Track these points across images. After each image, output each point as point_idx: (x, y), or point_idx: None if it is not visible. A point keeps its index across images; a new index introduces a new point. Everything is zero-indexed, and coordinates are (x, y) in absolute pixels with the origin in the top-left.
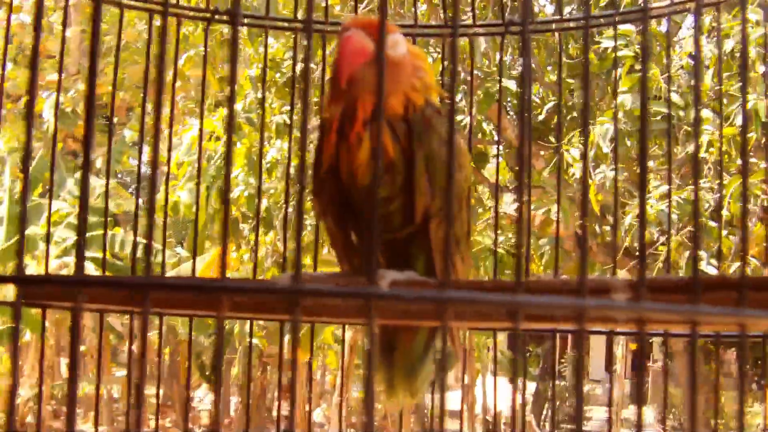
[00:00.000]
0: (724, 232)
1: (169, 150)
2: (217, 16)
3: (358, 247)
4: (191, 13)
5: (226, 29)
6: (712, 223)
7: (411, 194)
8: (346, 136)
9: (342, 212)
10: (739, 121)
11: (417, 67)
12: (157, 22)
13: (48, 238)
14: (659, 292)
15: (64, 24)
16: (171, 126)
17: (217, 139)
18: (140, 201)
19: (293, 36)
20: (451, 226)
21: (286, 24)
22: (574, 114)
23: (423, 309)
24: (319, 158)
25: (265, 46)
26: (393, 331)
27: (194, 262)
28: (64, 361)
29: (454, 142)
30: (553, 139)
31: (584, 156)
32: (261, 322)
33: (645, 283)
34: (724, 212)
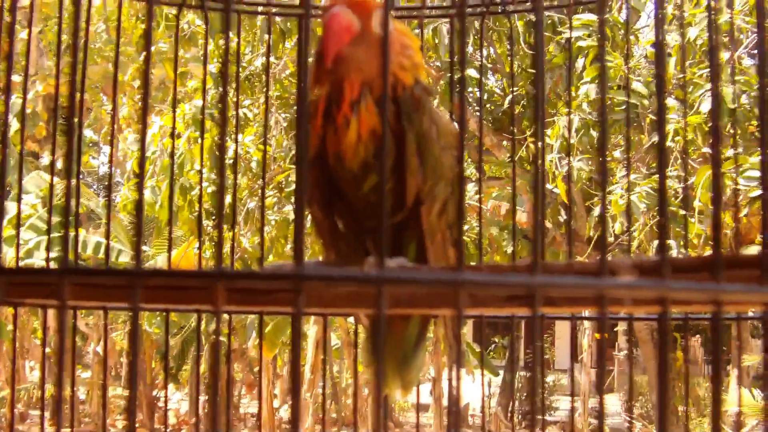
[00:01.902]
0: (693, 220)
1: (142, 147)
2: (188, 1)
3: (345, 234)
4: None
5: (186, 24)
6: (682, 212)
7: (401, 178)
8: (332, 118)
9: (328, 198)
10: (704, 108)
11: (405, 45)
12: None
13: (18, 237)
14: (676, 272)
15: (30, 23)
16: (144, 123)
17: (179, 136)
18: (104, 200)
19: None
20: (462, 204)
21: (259, 9)
22: (535, 94)
23: (421, 295)
24: None
25: (238, 31)
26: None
27: (170, 257)
28: (28, 364)
29: (465, 117)
30: (515, 130)
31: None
32: (225, 317)
33: (668, 262)
34: (697, 203)
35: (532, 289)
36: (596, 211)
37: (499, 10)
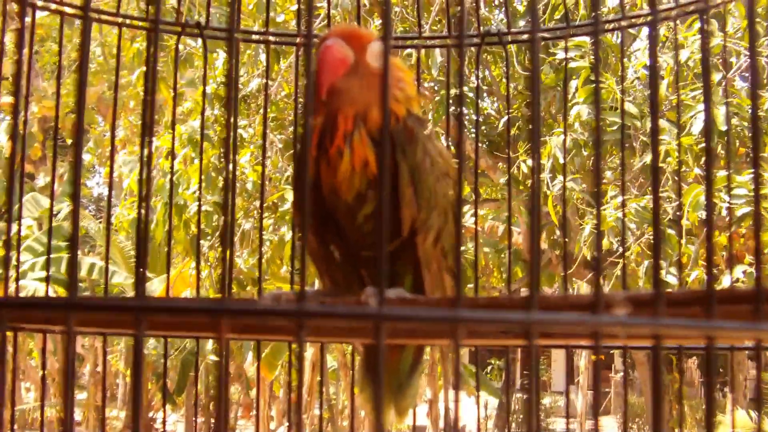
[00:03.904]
0: (683, 241)
1: (149, 169)
2: (188, 29)
3: (341, 263)
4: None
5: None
6: (671, 232)
7: (396, 208)
8: (326, 149)
9: (323, 227)
10: (695, 130)
11: (398, 78)
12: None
13: (18, 260)
14: (671, 305)
15: (29, 44)
16: (150, 153)
17: (173, 156)
18: (100, 221)
19: (259, 49)
20: (459, 234)
21: (256, 36)
22: (531, 126)
23: (419, 328)
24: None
25: (237, 59)
26: None
27: (168, 279)
28: (24, 386)
29: (463, 148)
30: (511, 153)
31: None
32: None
33: (662, 297)
34: (684, 221)
35: (528, 325)
36: (587, 229)
37: (496, 40)
